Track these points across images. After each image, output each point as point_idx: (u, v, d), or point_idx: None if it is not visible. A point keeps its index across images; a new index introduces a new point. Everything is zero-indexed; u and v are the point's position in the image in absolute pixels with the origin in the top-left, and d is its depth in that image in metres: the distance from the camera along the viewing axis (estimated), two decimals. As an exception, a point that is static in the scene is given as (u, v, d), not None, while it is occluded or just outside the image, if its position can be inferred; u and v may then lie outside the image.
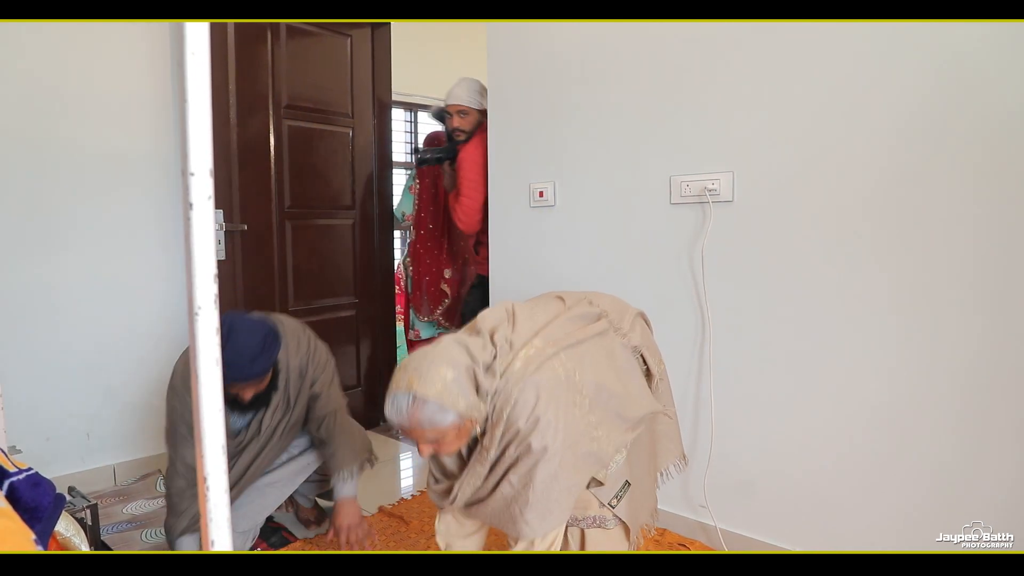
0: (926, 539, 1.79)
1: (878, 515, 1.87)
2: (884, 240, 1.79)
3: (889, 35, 1.74)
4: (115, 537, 2.30)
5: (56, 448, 2.64)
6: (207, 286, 0.66)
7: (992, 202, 1.63)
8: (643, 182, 2.28)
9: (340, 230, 3.35)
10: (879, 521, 1.87)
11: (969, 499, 1.73)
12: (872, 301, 1.82)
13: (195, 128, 0.66)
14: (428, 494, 1.67)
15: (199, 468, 0.66)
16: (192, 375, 0.66)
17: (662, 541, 2.20)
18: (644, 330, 1.80)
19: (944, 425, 1.74)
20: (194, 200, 0.65)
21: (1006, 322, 1.64)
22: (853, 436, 1.89)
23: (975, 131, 1.64)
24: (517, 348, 1.46)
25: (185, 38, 0.64)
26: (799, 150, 1.92)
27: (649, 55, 2.22)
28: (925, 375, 1.76)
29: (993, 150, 1.62)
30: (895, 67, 1.74)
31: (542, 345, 1.47)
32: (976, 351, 1.68)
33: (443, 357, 1.37)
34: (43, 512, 1.07)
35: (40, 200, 2.55)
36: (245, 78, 2.87)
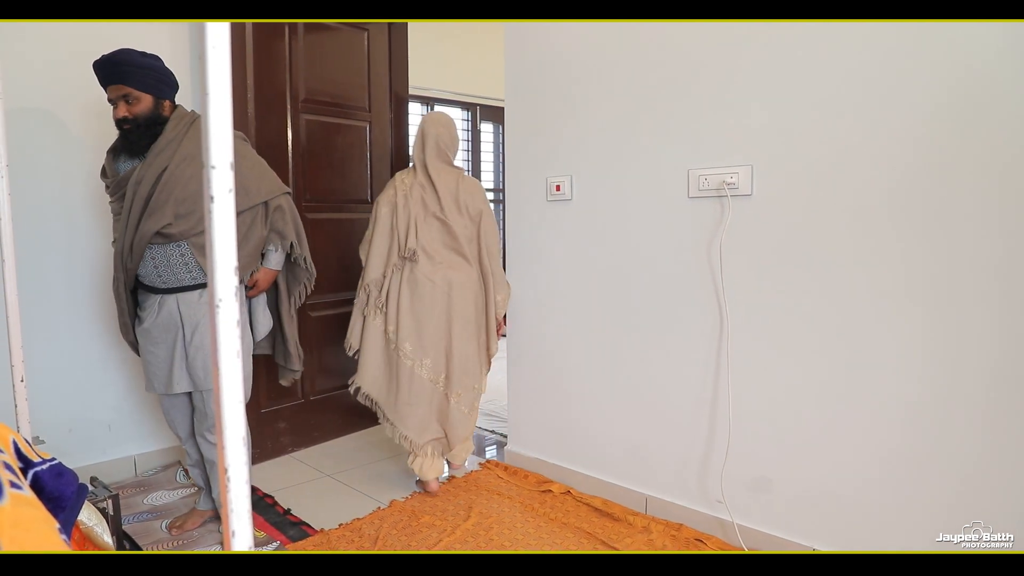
0: (926, 539, 1.79)
1: (886, 514, 1.85)
2: (907, 235, 1.77)
3: (913, 29, 1.72)
4: (136, 527, 2.33)
5: (78, 439, 2.68)
6: (228, 278, 0.66)
7: (1017, 197, 1.60)
8: (661, 176, 2.27)
9: (357, 224, 3.36)
10: (883, 521, 1.85)
11: (969, 499, 1.73)
12: (893, 297, 1.80)
13: (216, 122, 0.66)
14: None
15: (220, 460, 0.67)
16: (212, 367, 0.67)
17: (679, 536, 2.20)
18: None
19: (965, 424, 1.72)
20: (215, 193, 0.66)
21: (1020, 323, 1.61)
22: (872, 433, 1.87)
23: (1001, 124, 1.61)
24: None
25: (206, 34, 0.65)
26: (819, 143, 1.90)
27: (666, 49, 2.21)
28: (944, 373, 1.74)
29: (1020, 144, 1.59)
30: (919, 60, 1.72)
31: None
32: (997, 350, 1.66)
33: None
34: (66, 502, 1.08)
35: (67, 193, 2.59)
36: (263, 73, 2.88)
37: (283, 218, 2.28)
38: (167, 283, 2.11)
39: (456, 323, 2.58)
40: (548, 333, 2.71)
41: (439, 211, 2.57)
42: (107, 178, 2.19)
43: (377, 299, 2.61)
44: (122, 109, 2.06)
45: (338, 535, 2.26)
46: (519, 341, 2.84)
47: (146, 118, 2.07)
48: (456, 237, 2.57)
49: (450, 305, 2.57)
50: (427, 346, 2.56)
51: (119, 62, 2.02)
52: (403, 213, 2.57)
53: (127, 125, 2.08)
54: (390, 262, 2.60)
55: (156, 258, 2.10)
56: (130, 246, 2.09)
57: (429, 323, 2.55)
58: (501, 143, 5.79)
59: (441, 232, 2.59)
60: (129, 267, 2.11)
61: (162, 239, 2.08)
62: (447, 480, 2.74)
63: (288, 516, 2.42)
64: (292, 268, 2.46)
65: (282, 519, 2.40)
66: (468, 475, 2.78)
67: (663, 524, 2.28)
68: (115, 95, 2.06)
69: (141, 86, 2.05)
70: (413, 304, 2.55)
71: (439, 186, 2.57)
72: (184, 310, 2.12)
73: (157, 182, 2.05)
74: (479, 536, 2.23)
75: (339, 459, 3.03)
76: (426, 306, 2.54)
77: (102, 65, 2.04)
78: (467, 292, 2.59)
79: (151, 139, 2.09)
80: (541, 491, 2.59)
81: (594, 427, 2.57)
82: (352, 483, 2.75)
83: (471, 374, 2.63)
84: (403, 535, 2.25)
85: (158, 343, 2.15)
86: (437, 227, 2.59)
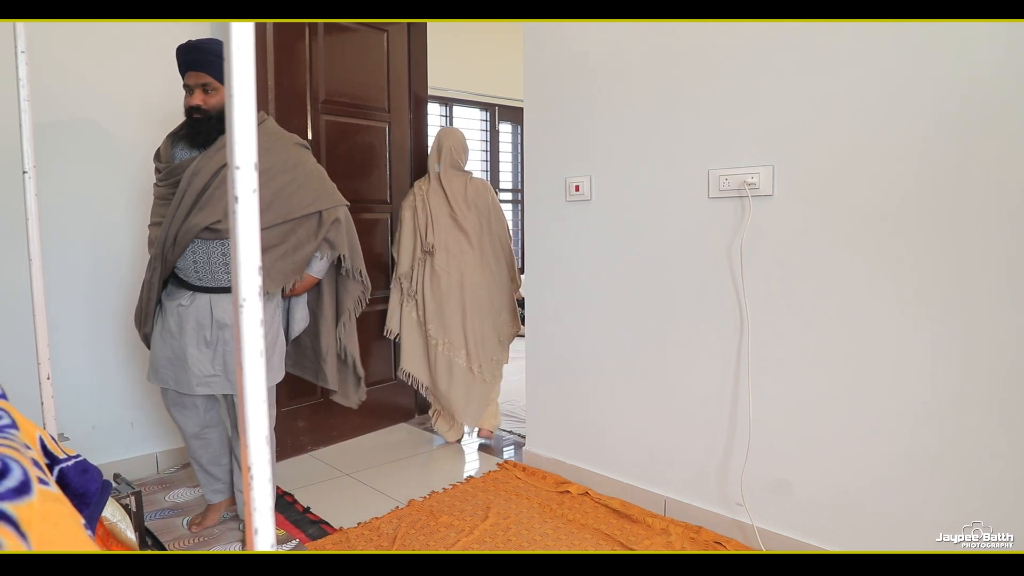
0: (926, 539, 1.78)
1: (900, 515, 1.83)
2: (931, 237, 1.74)
3: (934, 29, 1.69)
4: (158, 523, 2.36)
5: (101, 436, 2.71)
6: (252, 278, 0.67)
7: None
8: (681, 176, 2.25)
9: (376, 224, 3.37)
10: (896, 521, 1.83)
11: (969, 499, 1.72)
12: (914, 299, 1.78)
13: (240, 123, 0.66)
14: None
15: (243, 458, 0.67)
16: (236, 366, 0.67)
17: (698, 539, 2.18)
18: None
19: (972, 425, 1.69)
20: (239, 193, 0.66)
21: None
22: (890, 435, 1.84)
23: (1022, 124, 1.59)
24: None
25: (231, 35, 0.65)
26: (842, 143, 1.88)
27: (686, 50, 2.20)
28: (957, 375, 1.72)
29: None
30: (942, 60, 1.69)
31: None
32: (1005, 352, 1.64)
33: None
34: (91, 498, 1.10)
35: (90, 194, 2.62)
36: (284, 74, 2.90)
37: (338, 230, 2.27)
38: (203, 281, 2.09)
39: (469, 306, 3.06)
40: (566, 333, 2.70)
41: (451, 211, 3.05)
42: (160, 162, 2.17)
43: (409, 288, 3.13)
44: (198, 97, 2.04)
45: (357, 534, 2.27)
46: (537, 341, 2.83)
47: (219, 110, 2.05)
48: (467, 232, 3.07)
49: (463, 291, 3.06)
50: (447, 326, 3.06)
51: (204, 50, 2.01)
52: (422, 215, 3.08)
53: (198, 114, 2.06)
54: (415, 257, 3.11)
55: (197, 253, 2.08)
56: (175, 237, 2.06)
57: (447, 307, 3.05)
58: (520, 143, 5.79)
59: (454, 229, 3.07)
60: (169, 258, 2.09)
61: (209, 234, 2.06)
62: (465, 481, 2.75)
63: (307, 514, 2.44)
64: (344, 282, 2.44)
65: (301, 517, 2.42)
66: (486, 475, 2.79)
67: (682, 526, 2.26)
68: (193, 82, 2.04)
69: (221, 77, 2.02)
70: (434, 291, 3.07)
71: (450, 189, 3.07)
72: (216, 312, 2.09)
73: (215, 176, 2.03)
74: (497, 537, 2.23)
75: (358, 458, 3.05)
76: (443, 292, 3.04)
77: (186, 51, 2.03)
78: (478, 279, 3.08)
79: (219, 132, 2.06)
80: (559, 492, 2.59)
81: (613, 428, 2.56)
82: (371, 482, 2.76)
83: (489, 348, 3.13)
84: (421, 535, 2.26)
85: (175, 336, 2.12)
86: (450, 225, 3.07)
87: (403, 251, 3.14)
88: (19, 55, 1.70)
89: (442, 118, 5.51)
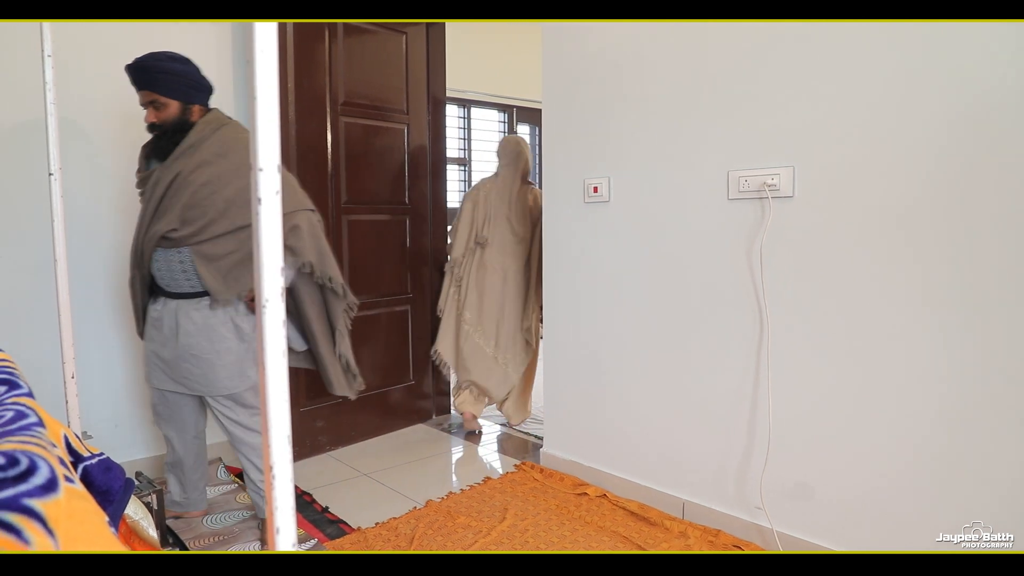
0: (926, 539, 1.77)
1: (913, 516, 1.80)
2: (947, 240, 1.71)
3: (953, 29, 1.67)
4: (179, 522, 2.38)
5: (123, 434, 2.75)
6: (274, 279, 0.67)
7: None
8: (700, 177, 2.24)
9: (394, 225, 3.39)
10: (910, 522, 1.81)
11: (968, 499, 1.71)
12: (936, 302, 1.75)
13: (263, 125, 0.67)
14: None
15: (265, 458, 0.68)
16: (259, 366, 0.67)
17: (716, 542, 2.17)
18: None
19: (980, 427, 1.66)
20: (262, 195, 0.67)
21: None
22: (913, 438, 1.82)
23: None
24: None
25: (254, 37, 0.66)
26: (864, 143, 1.86)
27: (705, 50, 2.18)
28: (974, 377, 1.69)
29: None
30: (958, 62, 1.67)
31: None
32: (1013, 354, 1.61)
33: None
34: (114, 495, 1.11)
35: (116, 193, 2.66)
36: (303, 76, 2.92)
37: (298, 236, 2.13)
38: (170, 287, 2.13)
39: (508, 302, 3.32)
40: (584, 335, 2.69)
41: (509, 213, 3.32)
42: (138, 175, 2.22)
43: (457, 273, 3.39)
44: (150, 115, 2.08)
45: (375, 534, 2.28)
46: (555, 343, 2.83)
47: (172, 124, 2.08)
48: (517, 234, 3.33)
49: (504, 286, 3.32)
50: (484, 317, 3.32)
51: (147, 68, 2.03)
52: (481, 210, 3.35)
53: (155, 130, 2.11)
54: (468, 246, 3.36)
55: (159, 261, 2.11)
56: (141, 246, 2.12)
57: (487, 298, 3.31)
58: (538, 145, 5.78)
59: (507, 229, 3.32)
60: (143, 266, 2.15)
61: (167, 243, 2.08)
62: (483, 482, 2.75)
63: (326, 514, 2.45)
64: (325, 293, 2.27)
65: (320, 517, 2.43)
66: (504, 476, 2.79)
67: (700, 529, 2.25)
68: (144, 100, 2.08)
69: (168, 92, 2.05)
70: (478, 282, 3.34)
71: (517, 195, 3.35)
72: (181, 318, 2.11)
73: (170, 186, 2.06)
74: (515, 538, 2.23)
75: (376, 458, 3.06)
76: (487, 284, 3.31)
77: (132, 70, 2.06)
78: (520, 277, 3.35)
79: (176, 144, 2.09)
80: (577, 494, 2.58)
81: (631, 430, 2.55)
82: (389, 482, 2.77)
83: (518, 343, 3.35)
84: (439, 535, 2.26)
85: (154, 341, 2.19)
86: (505, 225, 3.32)
87: (458, 238, 3.38)
88: (46, 59, 1.73)
89: (460, 119, 5.52)
